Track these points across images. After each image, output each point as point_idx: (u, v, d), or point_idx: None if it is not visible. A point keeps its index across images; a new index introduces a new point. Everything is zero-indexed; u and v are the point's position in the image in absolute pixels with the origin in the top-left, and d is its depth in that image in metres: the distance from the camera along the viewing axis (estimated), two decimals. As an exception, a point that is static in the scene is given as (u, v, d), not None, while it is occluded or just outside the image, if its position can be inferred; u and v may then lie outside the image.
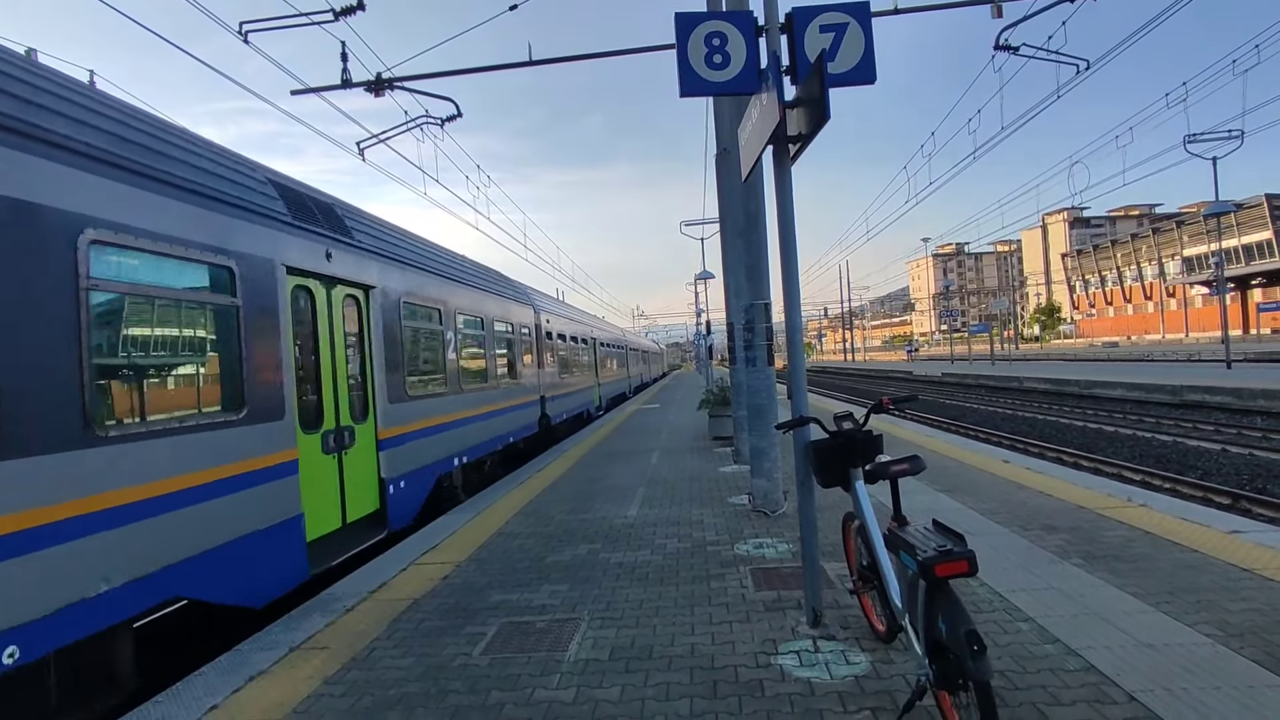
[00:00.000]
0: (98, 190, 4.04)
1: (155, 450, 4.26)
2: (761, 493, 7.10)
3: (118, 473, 3.97)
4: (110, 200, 4.12)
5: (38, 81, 3.93)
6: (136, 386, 4.36)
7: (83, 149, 3.98)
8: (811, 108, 3.65)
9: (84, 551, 3.73)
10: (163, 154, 4.67)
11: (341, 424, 6.57)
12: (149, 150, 4.55)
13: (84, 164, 3.97)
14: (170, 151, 4.77)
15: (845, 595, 4.53)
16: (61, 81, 4.18)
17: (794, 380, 4.07)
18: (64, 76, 4.30)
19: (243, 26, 8.20)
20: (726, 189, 9.83)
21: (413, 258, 8.59)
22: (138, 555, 4.07)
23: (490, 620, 4.56)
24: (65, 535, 3.63)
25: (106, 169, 4.13)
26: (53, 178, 3.76)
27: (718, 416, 13.06)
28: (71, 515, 3.68)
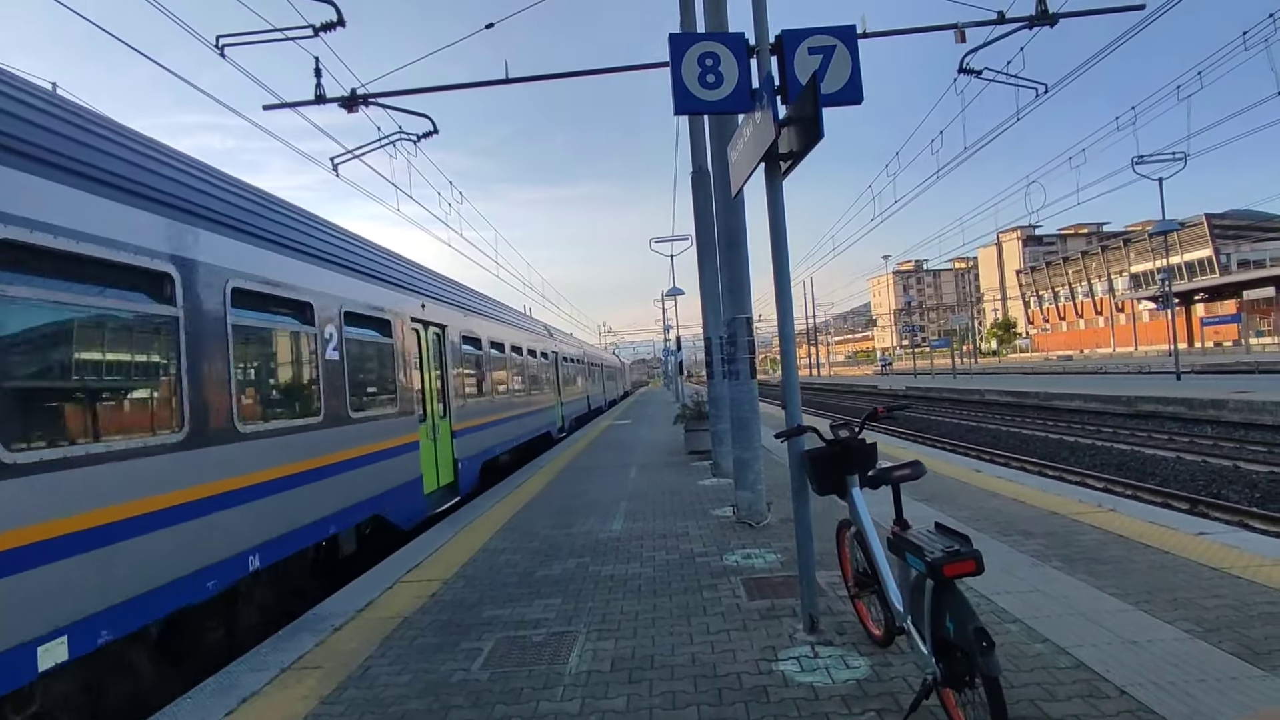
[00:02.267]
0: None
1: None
2: (746, 504, 7.17)
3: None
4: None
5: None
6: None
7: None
8: (804, 126, 3.77)
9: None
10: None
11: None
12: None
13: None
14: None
15: (838, 603, 4.61)
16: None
17: (788, 391, 4.16)
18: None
19: (219, 40, 8.11)
20: (703, 206, 9.99)
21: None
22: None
23: (485, 635, 4.52)
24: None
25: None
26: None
27: (694, 431, 13.14)
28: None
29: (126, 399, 4.42)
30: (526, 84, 11.73)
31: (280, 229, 6.16)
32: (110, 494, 3.88)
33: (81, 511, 3.70)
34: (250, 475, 5.17)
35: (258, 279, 5.54)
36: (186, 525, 4.43)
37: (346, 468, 6.67)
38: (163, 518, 4.21)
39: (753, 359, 7.22)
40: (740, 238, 7.22)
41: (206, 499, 4.64)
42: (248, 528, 5.06)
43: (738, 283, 7.18)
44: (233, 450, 4.99)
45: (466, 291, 13.11)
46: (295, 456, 5.82)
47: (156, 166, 4.82)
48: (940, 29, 10.53)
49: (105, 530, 3.83)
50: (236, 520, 4.92)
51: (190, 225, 4.85)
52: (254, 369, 5.73)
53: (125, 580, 3.94)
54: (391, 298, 8.29)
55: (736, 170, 4.67)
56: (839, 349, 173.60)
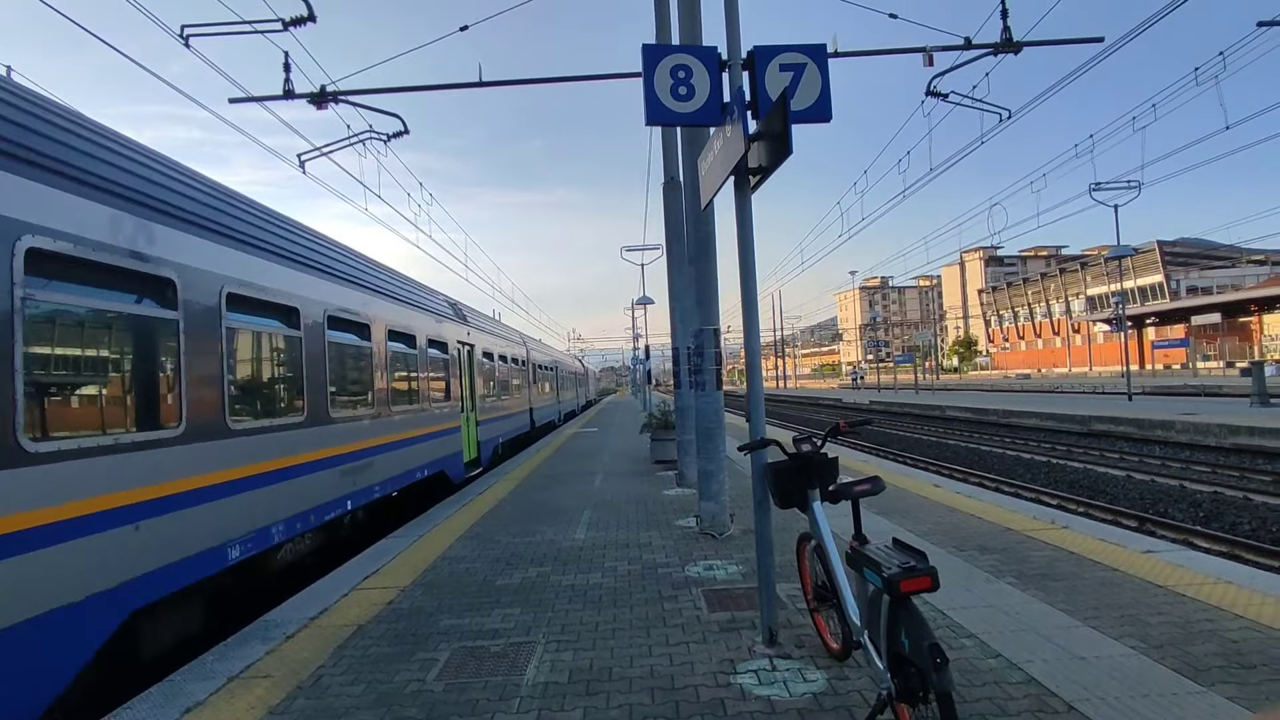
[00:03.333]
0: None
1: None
2: (709, 515, 7.19)
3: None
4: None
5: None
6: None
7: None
8: (773, 142, 3.81)
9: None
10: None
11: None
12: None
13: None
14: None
15: (797, 615, 4.63)
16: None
17: (753, 404, 4.19)
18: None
19: (184, 30, 7.92)
20: (674, 216, 10.03)
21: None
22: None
23: (442, 645, 4.45)
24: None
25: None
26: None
27: (660, 440, 13.15)
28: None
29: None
30: (502, 87, 11.70)
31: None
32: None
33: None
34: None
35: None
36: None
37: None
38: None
39: (719, 370, 7.25)
40: (710, 249, 7.27)
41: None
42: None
43: (707, 293, 7.22)
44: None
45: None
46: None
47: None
48: (909, 52, 10.77)
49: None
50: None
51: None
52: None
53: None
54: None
55: (706, 182, 4.70)
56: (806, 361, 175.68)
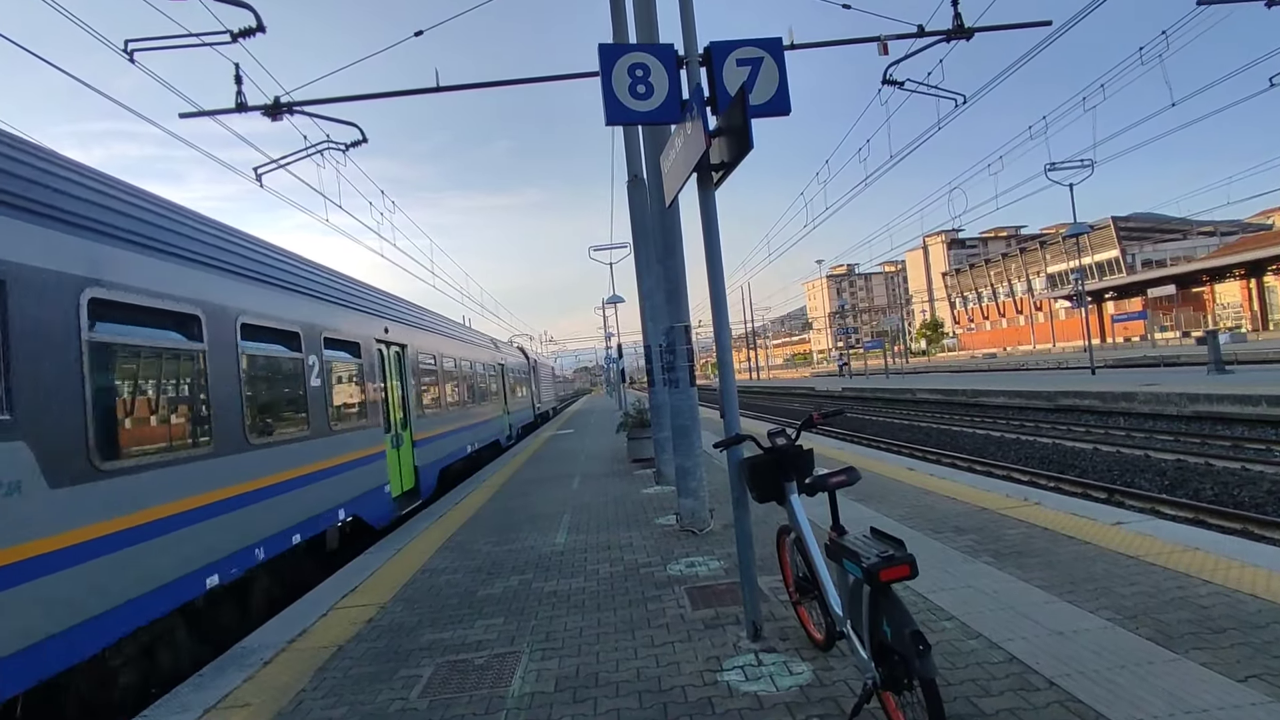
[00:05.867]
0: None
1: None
2: (689, 512, 7.19)
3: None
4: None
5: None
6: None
7: None
8: (734, 137, 3.81)
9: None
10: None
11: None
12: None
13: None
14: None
15: (780, 607, 4.65)
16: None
17: (725, 400, 4.19)
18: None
19: (128, 45, 7.68)
20: (640, 214, 10.02)
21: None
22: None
23: (425, 661, 4.38)
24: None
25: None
26: None
27: (637, 439, 13.14)
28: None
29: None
30: (464, 91, 11.56)
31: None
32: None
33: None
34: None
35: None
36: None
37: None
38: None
39: (692, 367, 7.25)
40: (676, 246, 7.26)
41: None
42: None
43: (675, 291, 7.21)
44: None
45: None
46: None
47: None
48: (864, 41, 10.87)
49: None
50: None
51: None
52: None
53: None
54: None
55: (670, 180, 4.68)
56: (777, 352, 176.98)
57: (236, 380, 5.98)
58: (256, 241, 7.23)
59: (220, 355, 5.77)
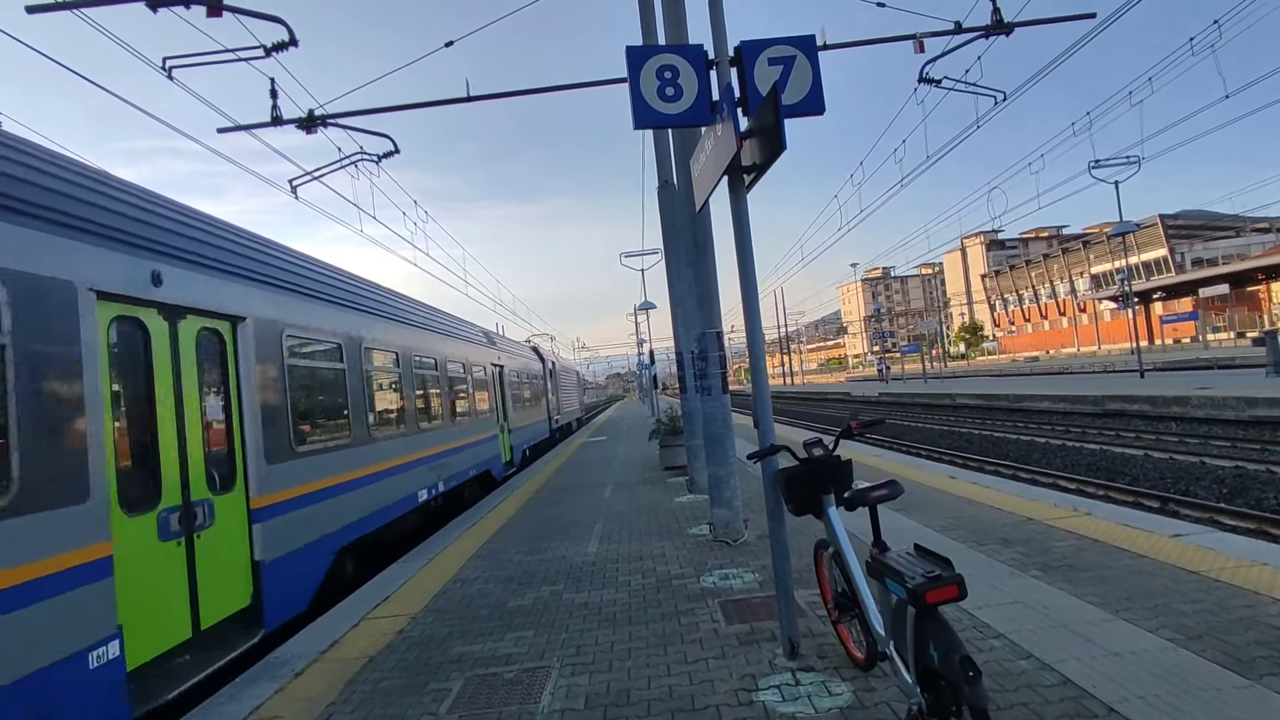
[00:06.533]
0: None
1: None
2: (723, 522, 7.05)
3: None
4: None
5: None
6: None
7: None
8: (766, 138, 3.69)
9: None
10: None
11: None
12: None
13: None
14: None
15: (818, 623, 4.49)
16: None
17: (759, 408, 4.06)
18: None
19: (166, 62, 7.87)
20: (670, 220, 9.93)
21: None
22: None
23: (454, 675, 4.33)
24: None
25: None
26: None
27: (669, 446, 13.01)
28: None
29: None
30: (495, 101, 11.61)
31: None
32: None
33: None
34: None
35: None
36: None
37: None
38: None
39: (724, 373, 7.13)
40: (708, 251, 7.15)
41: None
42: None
43: (707, 296, 7.10)
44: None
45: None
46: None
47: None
48: (899, 40, 10.64)
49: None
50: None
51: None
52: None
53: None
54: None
55: (700, 184, 4.58)
56: (811, 357, 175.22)
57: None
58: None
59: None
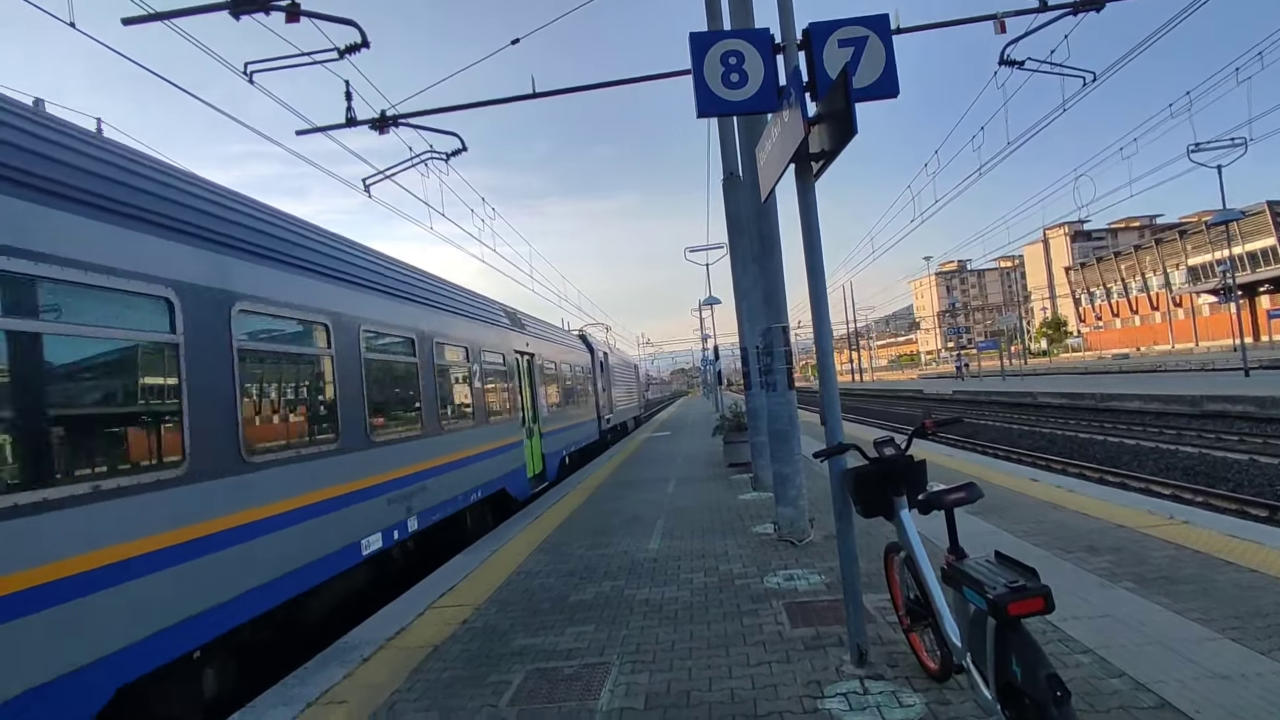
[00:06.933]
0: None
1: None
2: (787, 521, 6.88)
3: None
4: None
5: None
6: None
7: None
8: (836, 123, 3.53)
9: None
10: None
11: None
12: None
13: None
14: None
15: (888, 629, 4.30)
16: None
17: (827, 405, 3.90)
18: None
19: (248, 67, 8.22)
20: (735, 213, 9.76)
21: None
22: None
23: (515, 667, 4.34)
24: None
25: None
26: None
27: (733, 443, 12.84)
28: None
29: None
30: (562, 97, 11.69)
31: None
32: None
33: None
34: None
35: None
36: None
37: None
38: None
39: (790, 369, 6.94)
40: (774, 244, 6.97)
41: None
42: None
43: (773, 290, 6.93)
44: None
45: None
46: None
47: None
48: (979, 20, 10.14)
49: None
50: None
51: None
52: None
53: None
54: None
55: (765, 173, 4.44)
56: (881, 353, 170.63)
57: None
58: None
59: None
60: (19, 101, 3.98)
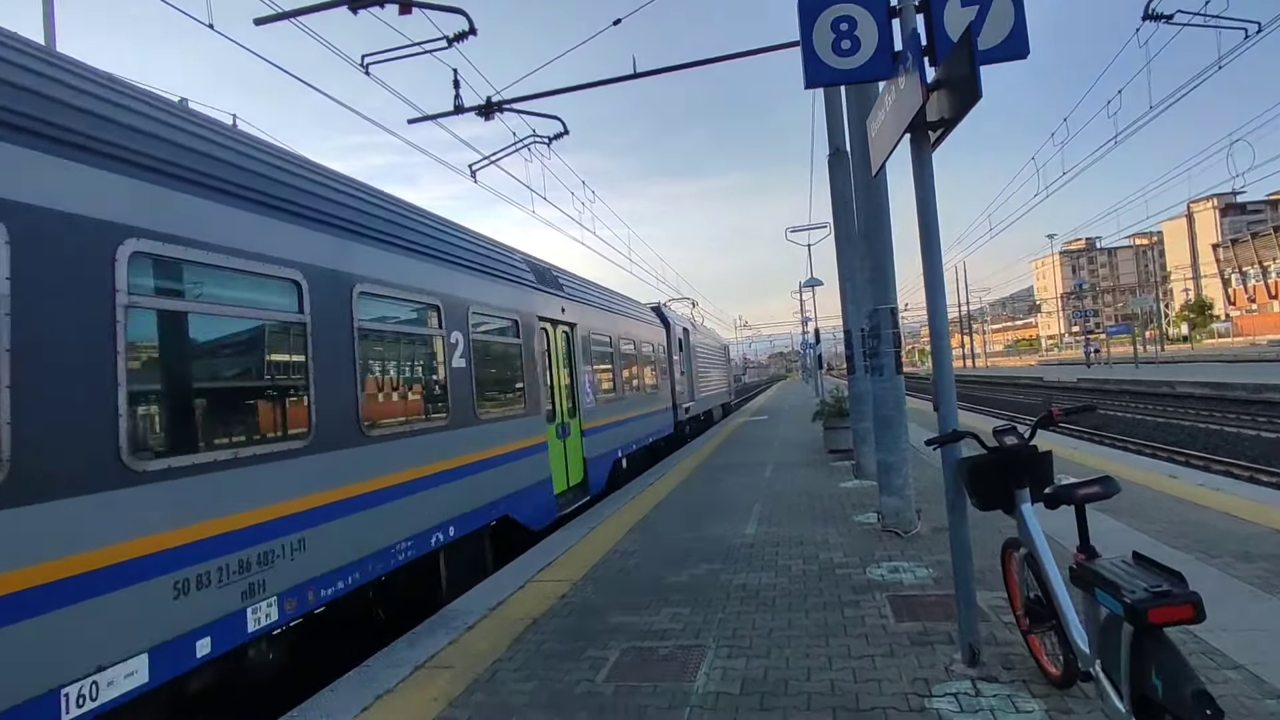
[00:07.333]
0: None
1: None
2: (892, 511, 6.60)
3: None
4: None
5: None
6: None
7: None
8: (958, 88, 3.28)
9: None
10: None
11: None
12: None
13: None
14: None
15: (1003, 630, 4.05)
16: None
17: (941, 390, 3.67)
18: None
19: (364, 59, 8.61)
20: (841, 190, 9.39)
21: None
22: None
23: (611, 644, 4.39)
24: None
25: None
26: None
27: (834, 429, 12.47)
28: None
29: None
30: (662, 78, 11.60)
31: None
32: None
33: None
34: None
35: None
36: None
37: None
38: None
39: (898, 353, 6.63)
40: (882, 220, 6.65)
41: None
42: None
43: (880, 270, 6.62)
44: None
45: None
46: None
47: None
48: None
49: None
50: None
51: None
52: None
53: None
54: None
55: (877, 145, 4.21)
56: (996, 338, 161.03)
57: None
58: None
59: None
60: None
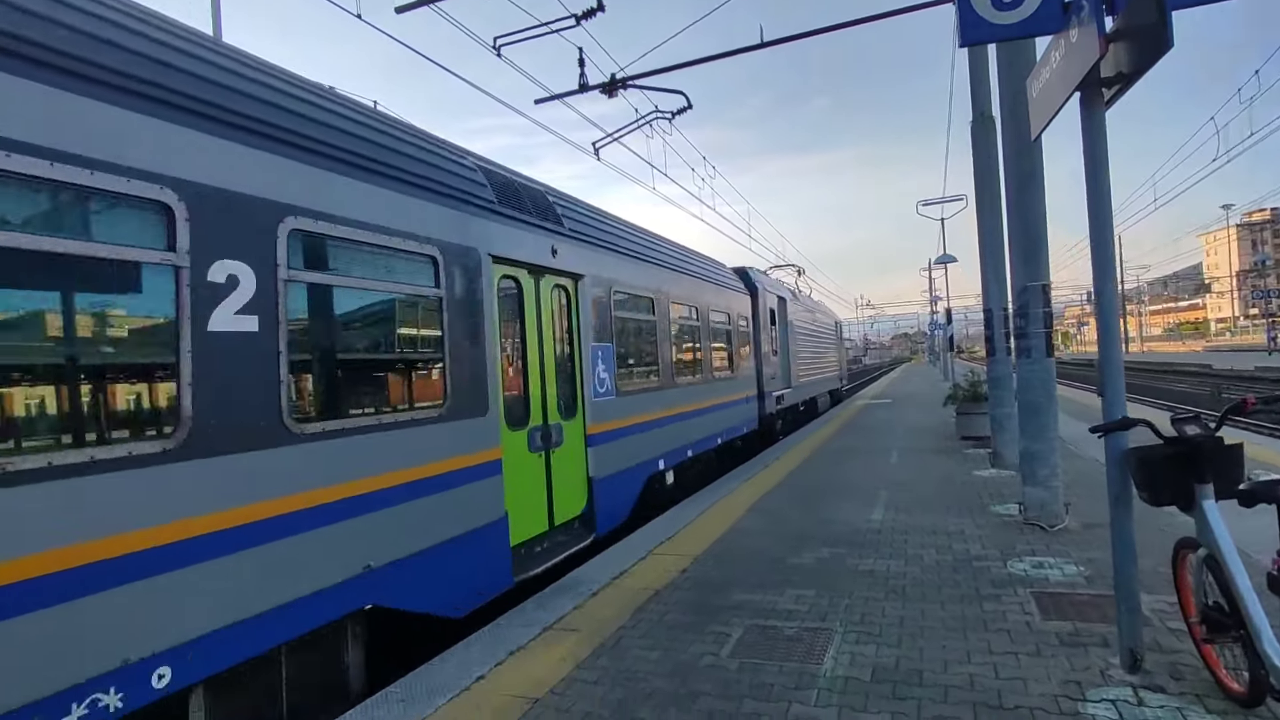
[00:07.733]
0: None
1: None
2: (1037, 503, 6.16)
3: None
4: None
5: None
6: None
7: None
8: (1144, 37, 2.93)
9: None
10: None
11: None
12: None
13: None
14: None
15: (1168, 636, 3.69)
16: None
17: (1107, 374, 3.35)
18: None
19: (496, 41, 8.88)
20: (984, 158, 8.75)
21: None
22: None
23: (734, 621, 4.37)
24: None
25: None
26: None
27: (968, 414, 11.78)
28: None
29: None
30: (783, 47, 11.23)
31: None
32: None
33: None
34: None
35: None
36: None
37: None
38: None
39: (1048, 334, 6.13)
40: (1035, 190, 6.14)
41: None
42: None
43: (1033, 244, 6.13)
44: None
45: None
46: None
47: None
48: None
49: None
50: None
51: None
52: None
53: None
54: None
55: (1039, 105, 3.85)
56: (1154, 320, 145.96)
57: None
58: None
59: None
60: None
